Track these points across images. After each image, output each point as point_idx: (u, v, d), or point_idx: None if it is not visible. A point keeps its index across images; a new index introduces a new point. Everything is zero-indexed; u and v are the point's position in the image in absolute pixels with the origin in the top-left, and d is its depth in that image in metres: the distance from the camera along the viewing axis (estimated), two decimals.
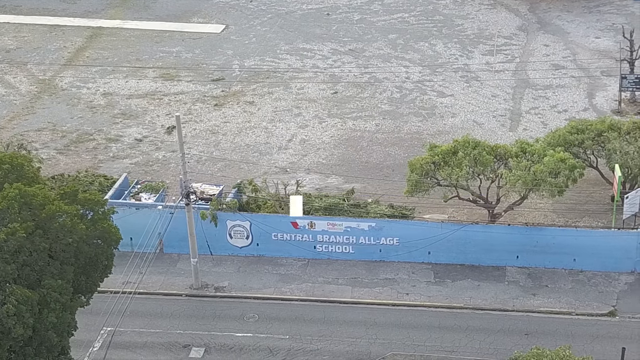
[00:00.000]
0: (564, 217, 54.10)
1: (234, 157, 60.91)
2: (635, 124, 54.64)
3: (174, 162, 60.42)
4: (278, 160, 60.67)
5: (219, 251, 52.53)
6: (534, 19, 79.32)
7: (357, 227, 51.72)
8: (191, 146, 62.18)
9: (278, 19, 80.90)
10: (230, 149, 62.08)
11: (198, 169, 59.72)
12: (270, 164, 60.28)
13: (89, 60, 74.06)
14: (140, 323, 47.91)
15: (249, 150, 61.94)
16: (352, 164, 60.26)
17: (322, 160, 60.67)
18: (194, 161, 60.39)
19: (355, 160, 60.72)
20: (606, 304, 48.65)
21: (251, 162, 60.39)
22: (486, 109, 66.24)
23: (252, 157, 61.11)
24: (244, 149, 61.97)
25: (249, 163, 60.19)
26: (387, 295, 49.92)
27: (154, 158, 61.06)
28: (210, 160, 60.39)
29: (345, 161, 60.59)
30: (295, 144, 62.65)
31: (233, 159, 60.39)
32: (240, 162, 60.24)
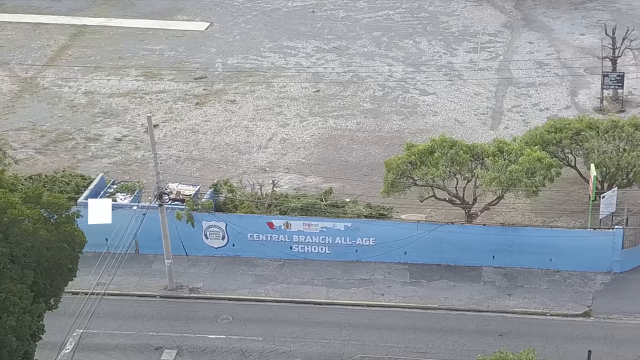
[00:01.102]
0: (542, 216, 53.86)
1: (213, 156, 60.68)
2: (613, 122, 54.36)
3: (152, 162, 60.00)
4: (257, 160, 60.44)
5: (194, 252, 52.32)
6: (519, 16, 79.05)
7: (333, 228, 51.51)
8: (171, 145, 62.00)
9: (263, 17, 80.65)
10: (210, 148, 61.87)
11: (177, 168, 59.51)
12: (249, 163, 60.06)
13: (72, 59, 73.82)
14: (113, 325, 47.72)
15: (228, 150, 61.70)
16: (332, 163, 60.02)
17: (302, 159, 60.43)
18: (172, 160, 60.24)
19: (334, 159, 60.49)
20: (581, 304, 48.42)
21: (230, 161, 60.15)
22: (468, 107, 65.96)
23: (231, 156, 60.86)
24: (223, 148, 61.75)
25: (228, 163, 59.94)
26: (362, 296, 49.70)
27: (133, 157, 60.84)
28: (189, 159, 60.14)
29: (324, 160, 60.35)
30: (275, 143, 62.42)
31: (212, 159, 60.13)
32: (219, 161, 59.99)
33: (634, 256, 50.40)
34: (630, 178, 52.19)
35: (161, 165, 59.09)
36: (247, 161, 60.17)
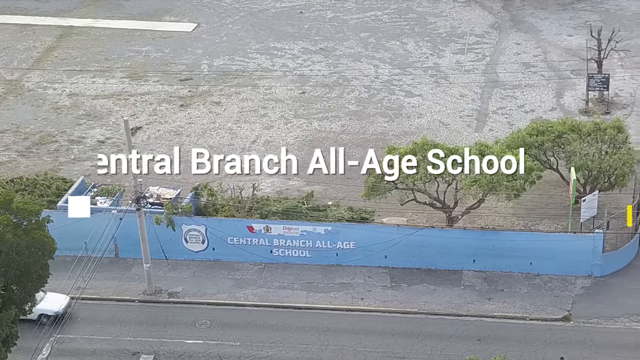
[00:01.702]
0: (524, 219, 53.61)
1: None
2: (596, 125, 54.07)
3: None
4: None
5: (174, 256, 52.11)
6: (507, 17, 78.81)
7: (313, 231, 51.31)
8: (153, 147, 61.76)
9: (251, 17, 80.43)
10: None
11: (159, 171, 59.13)
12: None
13: (57, 60, 73.63)
14: (90, 329, 47.51)
15: (212, 152, 61.23)
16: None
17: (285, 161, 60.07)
18: (153, 162, 59.85)
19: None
20: (561, 308, 48.20)
21: (212, 163, 59.71)
22: (453, 109, 65.72)
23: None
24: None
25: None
26: (342, 300, 49.50)
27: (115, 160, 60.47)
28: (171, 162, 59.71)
29: (308, 163, 59.82)
30: (259, 145, 62.16)
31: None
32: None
33: (615, 260, 50.19)
34: (612, 181, 51.93)
35: (143, 168, 59.15)
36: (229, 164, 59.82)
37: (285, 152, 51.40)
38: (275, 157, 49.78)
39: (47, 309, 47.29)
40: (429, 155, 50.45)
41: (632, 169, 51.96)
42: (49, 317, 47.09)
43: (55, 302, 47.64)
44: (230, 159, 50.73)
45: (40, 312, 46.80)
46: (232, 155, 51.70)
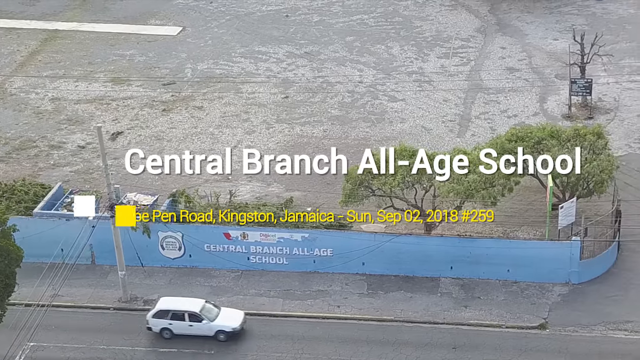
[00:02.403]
0: (503, 226, 53.32)
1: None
2: (576, 131, 53.83)
3: (114, 171, 59.62)
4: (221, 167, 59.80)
5: (151, 263, 51.87)
6: (493, 20, 78.53)
7: (290, 238, 51.07)
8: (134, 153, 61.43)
9: (236, 21, 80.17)
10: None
11: (138, 177, 58.85)
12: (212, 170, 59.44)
13: (41, 64, 73.39)
14: (64, 337, 47.24)
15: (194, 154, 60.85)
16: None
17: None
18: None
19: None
20: (537, 316, 47.94)
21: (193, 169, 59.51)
22: (436, 114, 65.47)
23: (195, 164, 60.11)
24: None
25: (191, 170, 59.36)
26: (318, 307, 49.24)
27: (95, 166, 60.26)
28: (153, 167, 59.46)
29: (288, 169, 59.63)
30: (240, 150, 61.85)
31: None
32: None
33: (593, 267, 49.94)
34: (591, 188, 51.65)
35: (123, 174, 59.00)
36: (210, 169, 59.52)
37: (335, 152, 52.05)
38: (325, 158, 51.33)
39: (225, 325, 46.69)
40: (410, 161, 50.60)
41: (610, 175, 51.71)
42: (226, 333, 46.58)
43: (232, 318, 47.13)
44: (212, 159, 52.10)
45: (218, 329, 46.53)
46: (214, 156, 52.63)
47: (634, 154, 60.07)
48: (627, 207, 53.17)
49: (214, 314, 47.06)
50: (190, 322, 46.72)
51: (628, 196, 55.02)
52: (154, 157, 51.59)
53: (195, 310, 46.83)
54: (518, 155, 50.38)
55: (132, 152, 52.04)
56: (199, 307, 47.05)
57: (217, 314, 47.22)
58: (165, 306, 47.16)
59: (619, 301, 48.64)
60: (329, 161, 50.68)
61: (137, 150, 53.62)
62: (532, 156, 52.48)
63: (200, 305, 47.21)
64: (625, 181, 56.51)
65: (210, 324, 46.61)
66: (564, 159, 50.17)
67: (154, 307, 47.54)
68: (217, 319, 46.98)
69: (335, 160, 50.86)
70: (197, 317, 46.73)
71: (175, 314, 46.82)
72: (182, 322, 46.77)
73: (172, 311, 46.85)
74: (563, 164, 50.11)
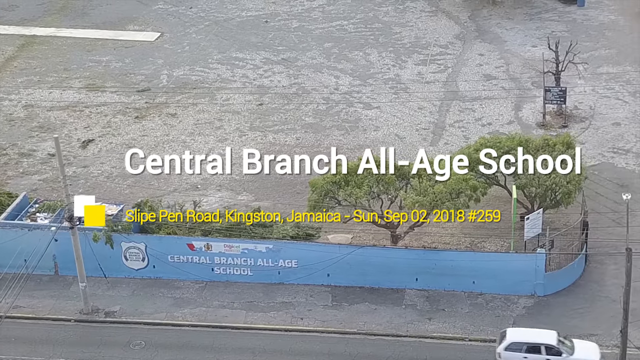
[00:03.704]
0: (471, 236, 52.87)
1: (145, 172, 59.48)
2: (545, 140, 53.34)
3: (83, 179, 59.35)
4: (190, 177, 59.35)
5: (114, 273, 51.42)
6: (473, 27, 78.03)
7: (254, 249, 50.63)
8: (104, 161, 61.12)
9: (215, 27, 79.74)
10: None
11: (107, 185, 58.63)
12: (182, 180, 59.12)
13: (16, 70, 72.97)
14: (23, 350, 46.81)
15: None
16: (265, 180, 58.91)
17: (236, 176, 59.32)
18: (103, 177, 59.35)
19: (269, 176, 59.28)
20: (501, 328, 47.37)
21: (162, 178, 59.11)
22: (410, 122, 64.99)
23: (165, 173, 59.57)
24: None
25: (160, 179, 58.99)
26: (281, 320, 48.77)
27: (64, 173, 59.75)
28: (121, 176, 59.16)
29: (258, 177, 59.11)
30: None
31: (144, 175, 58.91)
32: (151, 178, 58.96)
33: (559, 279, 49.46)
34: (558, 199, 51.12)
35: (92, 182, 58.73)
36: (179, 178, 59.17)
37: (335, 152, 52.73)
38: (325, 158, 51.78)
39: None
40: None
41: (578, 186, 51.20)
42: None
43: (591, 351, 44.93)
44: (212, 159, 52.81)
45: None
46: (214, 156, 53.45)
47: (607, 163, 59.56)
48: (597, 217, 52.75)
49: (571, 347, 44.83)
50: (548, 355, 44.56)
51: (598, 206, 54.62)
52: (155, 157, 51.94)
53: (552, 343, 44.68)
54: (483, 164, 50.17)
55: (133, 152, 52.24)
56: (554, 339, 44.89)
57: (573, 346, 44.89)
58: (518, 338, 44.89)
59: (584, 314, 48.15)
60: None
61: (138, 150, 53.45)
62: (500, 165, 52.34)
63: (554, 336, 44.96)
64: (596, 190, 56.12)
65: (569, 358, 44.46)
66: (544, 159, 49.93)
67: (503, 339, 45.14)
68: (576, 352, 44.66)
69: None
70: (555, 350, 44.68)
71: (531, 347, 44.71)
72: (538, 355, 44.51)
73: (527, 344, 44.76)
74: (544, 164, 49.71)
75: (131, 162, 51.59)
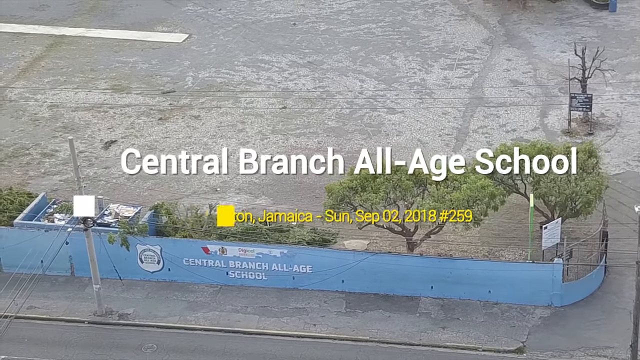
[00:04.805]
0: (489, 245, 52.25)
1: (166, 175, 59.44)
2: (567, 148, 52.57)
3: (104, 180, 59.46)
4: (210, 179, 59.28)
5: (130, 276, 51.38)
6: (501, 31, 77.21)
7: (269, 254, 50.38)
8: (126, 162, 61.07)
9: (243, 29, 79.56)
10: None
11: (127, 187, 58.67)
12: (201, 182, 59.04)
13: (44, 70, 73.28)
14: (36, 351, 46.91)
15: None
16: (285, 184, 58.76)
17: (255, 179, 59.16)
18: (124, 178, 59.37)
19: (288, 180, 59.07)
20: (516, 339, 46.82)
21: (182, 180, 59.08)
22: (434, 127, 64.43)
23: (184, 175, 59.42)
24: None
25: (180, 181, 59.01)
26: (294, 325, 48.46)
27: (85, 174, 59.81)
28: (141, 178, 59.11)
29: (278, 181, 59.01)
30: (231, 162, 61.14)
31: (164, 177, 58.88)
32: (171, 180, 58.98)
33: (576, 290, 48.74)
34: (578, 208, 50.38)
35: (112, 183, 58.84)
36: (199, 180, 59.11)
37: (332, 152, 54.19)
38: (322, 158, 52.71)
39: None
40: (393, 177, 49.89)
41: (598, 196, 50.45)
42: None
43: None
44: (209, 159, 52.39)
45: None
46: (211, 156, 52.96)
47: (631, 172, 58.67)
48: (618, 228, 51.87)
49: None
50: None
51: (620, 216, 53.71)
52: (151, 157, 52.14)
53: None
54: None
55: (129, 152, 52.10)
56: None
57: None
58: None
59: (601, 326, 47.40)
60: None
61: (134, 150, 53.50)
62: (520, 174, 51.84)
63: None
64: (619, 200, 55.27)
65: None
66: (559, 159, 49.55)
67: None
68: None
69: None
70: None
71: None
72: None
73: None
74: (559, 164, 49.42)
75: (127, 162, 51.29)
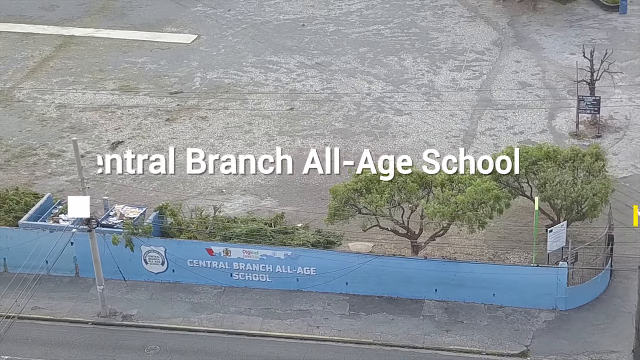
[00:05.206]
0: (494, 248, 52.02)
1: (173, 175, 59.42)
2: (574, 151, 52.35)
3: (109, 180, 59.46)
4: (216, 180, 59.25)
5: (134, 276, 51.36)
6: (511, 33, 76.97)
7: (273, 256, 50.27)
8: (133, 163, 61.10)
9: (252, 30, 79.52)
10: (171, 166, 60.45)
11: (133, 187, 58.67)
12: (207, 183, 59.02)
13: (52, 71, 73.38)
14: (39, 352, 46.92)
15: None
16: (291, 186, 58.65)
17: (261, 180, 59.11)
18: (130, 179, 59.37)
19: (294, 181, 58.99)
20: (520, 343, 46.59)
21: (189, 181, 59.10)
22: (441, 129, 64.22)
23: (190, 176, 59.48)
24: (184, 167, 60.23)
25: (186, 182, 59.02)
26: (297, 328, 48.33)
27: (92, 175, 59.76)
28: (147, 178, 59.12)
29: (283, 182, 58.94)
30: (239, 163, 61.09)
31: (170, 178, 58.86)
32: (177, 181, 59.00)
33: (581, 293, 48.48)
34: (584, 212, 50.10)
35: (118, 184, 58.82)
36: (205, 181, 59.08)
37: (280, 152, 55.85)
38: (271, 157, 54.28)
39: None
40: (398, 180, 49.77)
41: (604, 199, 50.19)
42: None
43: None
44: (226, 159, 53.34)
45: None
46: (227, 155, 54.01)
47: (639, 175, 58.34)
48: (625, 231, 51.59)
49: None
50: None
51: (627, 219, 53.34)
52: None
53: None
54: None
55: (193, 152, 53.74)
56: None
57: None
58: None
59: (605, 330, 47.15)
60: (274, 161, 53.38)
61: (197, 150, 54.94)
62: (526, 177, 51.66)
63: None
64: (626, 203, 54.93)
65: None
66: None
67: None
68: None
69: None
70: None
71: None
72: None
73: None
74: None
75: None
